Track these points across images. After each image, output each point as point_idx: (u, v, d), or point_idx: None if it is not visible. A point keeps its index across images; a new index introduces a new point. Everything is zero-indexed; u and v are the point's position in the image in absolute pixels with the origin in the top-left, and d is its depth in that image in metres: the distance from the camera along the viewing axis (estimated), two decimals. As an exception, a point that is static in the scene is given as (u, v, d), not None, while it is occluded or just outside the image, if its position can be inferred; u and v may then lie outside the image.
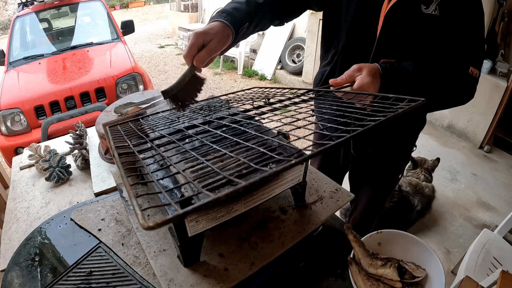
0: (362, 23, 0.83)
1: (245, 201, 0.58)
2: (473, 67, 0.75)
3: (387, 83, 0.70)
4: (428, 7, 0.74)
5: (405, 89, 0.72)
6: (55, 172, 1.13)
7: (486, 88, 2.68)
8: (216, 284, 0.56)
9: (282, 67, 4.79)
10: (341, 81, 0.69)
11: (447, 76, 0.76)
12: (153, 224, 0.26)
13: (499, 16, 2.70)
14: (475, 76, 0.76)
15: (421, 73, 0.74)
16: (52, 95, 2.50)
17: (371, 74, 0.67)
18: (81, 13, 3.69)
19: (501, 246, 1.33)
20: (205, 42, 0.67)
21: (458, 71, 0.76)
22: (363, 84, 0.66)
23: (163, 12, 10.49)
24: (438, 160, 2.16)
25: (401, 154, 1.09)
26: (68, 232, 0.76)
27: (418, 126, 1.02)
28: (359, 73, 0.68)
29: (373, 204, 1.19)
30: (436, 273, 0.62)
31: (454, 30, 0.75)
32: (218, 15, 0.74)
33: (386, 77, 0.69)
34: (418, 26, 0.77)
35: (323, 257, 0.72)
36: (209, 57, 0.68)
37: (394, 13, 0.77)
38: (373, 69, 0.68)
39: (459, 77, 0.76)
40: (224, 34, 0.71)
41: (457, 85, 0.77)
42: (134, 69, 2.82)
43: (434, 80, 0.75)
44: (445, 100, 0.80)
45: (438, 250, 1.85)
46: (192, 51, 0.66)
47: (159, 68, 5.68)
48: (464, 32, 0.75)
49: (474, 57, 0.77)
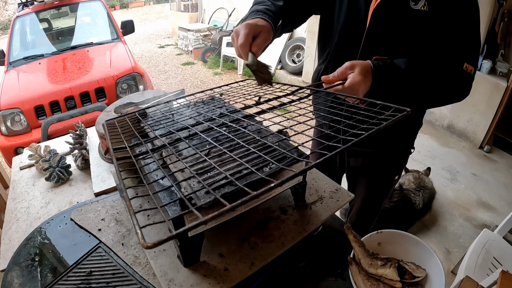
0: (353, 21, 0.84)
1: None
2: (468, 63, 0.74)
3: (379, 80, 0.70)
4: (417, 3, 0.74)
5: (398, 86, 0.72)
6: (55, 172, 1.13)
7: (486, 88, 2.68)
8: (216, 284, 0.56)
9: (282, 67, 4.79)
10: (333, 78, 0.70)
11: (440, 73, 0.75)
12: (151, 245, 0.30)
13: (499, 16, 2.70)
14: (470, 73, 0.75)
15: (414, 71, 0.73)
16: (52, 95, 2.50)
17: (362, 73, 0.67)
18: (81, 13, 3.69)
19: (501, 246, 1.33)
20: (255, 33, 0.73)
21: (451, 67, 0.75)
22: (354, 82, 0.67)
23: (163, 12, 10.50)
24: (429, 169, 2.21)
25: (397, 155, 1.09)
26: (68, 232, 0.76)
27: (414, 127, 1.01)
28: (351, 71, 0.68)
29: (368, 204, 1.19)
30: (436, 273, 0.62)
31: (446, 26, 0.74)
32: (254, 13, 0.79)
33: (378, 74, 0.70)
34: (407, 22, 0.77)
35: (323, 257, 0.72)
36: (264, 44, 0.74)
37: (381, 10, 0.78)
38: (365, 67, 0.68)
39: (453, 74, 0.75)
40: (269, 27, 0.76)
41: (451, 82, 0.76)
42: (134, 69, 2.82)
43: (427, 77, 0.74)
44: (439, 97, 0.79)
45: (438, 250, 1.85)
46: (249, 39, 0.71)
47: (159, 68, 5.68)
48: (456, 28, 0.74)
49: (469, 53, 0.76)
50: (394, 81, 0.72)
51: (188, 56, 6.27)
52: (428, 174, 2.15)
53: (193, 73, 5.34)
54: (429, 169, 2.20)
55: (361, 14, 0.82)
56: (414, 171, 2.16)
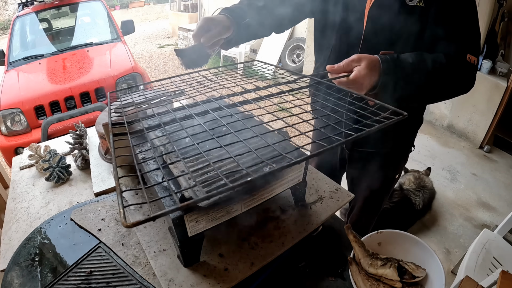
0: (349, 21, 0.84)
1: (245, 201, 0.58)
2: (471, 54, 0.75)
3: (387, 75, 0.69)
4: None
5: (405, 80, 0.72)
6: (55, 172, 1.13)
7: (486, 88, 2.68)
8: (216, 284, 0.56)
9: (282, 67, 4.79)
10: (338, 69, 0.69)
11: (445, 66, 0.75)
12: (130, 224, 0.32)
13: (499, 16, 2.70)
14: (473, 64, 0.75)
15: (421, 64, 0.73)
16: (52, 95, 2.50)
17: (369, 67, 0.66)
18: (81, 13, 3.69)
19: (501, 246, 1.33)
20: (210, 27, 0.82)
21: (455, 60, 0.75)
22: (359, 75, 0.66)
23: (163, 12, 10.49)
24: (429, 169, 2.21)
25: (398, 153, 1.08)
26: (68, 232, 0.76)
27: (415, 124, 1.01)
28: (358, 64, 0.67)
29: (370, 204, 1.19)
30: (436, 273, 0.62)
31: (444, 19, 0.75)
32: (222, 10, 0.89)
33: (386, 69, 0.69)
34: (404, 18, 0.77)
35: (323, 257, 0.72)
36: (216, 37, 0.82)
37: (377, 8, 0.78)
38: (372, 61, 0.67)
39: (458, 66, 0.75)
40: (226, 24, 0.84)
41: (457, 74, 0.76)
42: (134, 69, 2.82)
43: (434, 70, 0.74)
44: (446, 90, 0.79)
45: (438, 250, 1.85)
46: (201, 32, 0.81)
47: (159, 68, 5.68)
48: (455, 21, 0.75)
49: (470, 45, 0.76)
50: (402, 75, 0.71)
51: (188, 56, 6.27)
52: (428, 174, 2.15)
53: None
54: (430, 169, 2.20)
55: (357, 14, 0.82)
56: (415, 171, 2.16)
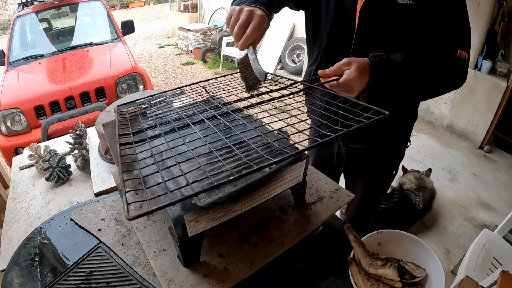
0: (341, 21, 0.85)
1: (245, 201, 0.58)
2: (461, 49, 0.76)
3: (377, 76, 0.70)
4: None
5: (396, 80, 0.73)
6: (55, 172, 1.13)
7: (486, 88, 2.67)
8: (216, 284, 0.56)
9: (282, 67, 4.80)
10: (329, 73, 0.70)
11: (436, 62, 0.76)
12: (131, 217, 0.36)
13: (499, 16, 2.70)
14: (464, 59, 0.76)
15: (411, 63, 0.74)
16: (52, 95, 2.50)
17: (359, 70, 0.68)
18: (81, 13, 3.69)
19: (501, 246, 1.33)
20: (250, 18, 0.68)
21: (446, 55, 0.76)
22: (349, 79, 0.67)
23: (163, 12, 10.50)
24: (430, 170, 2.21)
25: (394, 149, 1.09)
26: (68, 232, 0.76)
27: (410, 120, 1.02)
28: (348, 67, 0.69)
29: (367, 201, 1.19)
30: (436, 273, 0.62)
31: (434, 16, 0.76)
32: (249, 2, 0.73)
33: (376, 70, 0.70)
34: (395, 17, 0.78)
35: (323, 257, 0.72)
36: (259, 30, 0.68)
37: (368, 7, 0.78)
38: (362, 64, 0.69)
39: (449, 62, 0.76)
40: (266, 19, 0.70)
41: (448, 70, 0.77)
42: (134, 69, 2.82)
43: (424, 68, 0.75)
44: (437, 87, 0.81)
45: (438, 250, 1.85)
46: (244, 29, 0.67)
47: (159, 68, 5.68)
48: (445, 17, 0.75)
49: (461, 40, 0.77)
50: (393, 76, 0.73)
51: (188, 56, 6.27)
52: (429, 175, 2.16)
53: (193, 73, 5.34)
54: (430, 170, 2.21)
55: (348, 13, 0.82)
56: (415, 171, 2.16)
